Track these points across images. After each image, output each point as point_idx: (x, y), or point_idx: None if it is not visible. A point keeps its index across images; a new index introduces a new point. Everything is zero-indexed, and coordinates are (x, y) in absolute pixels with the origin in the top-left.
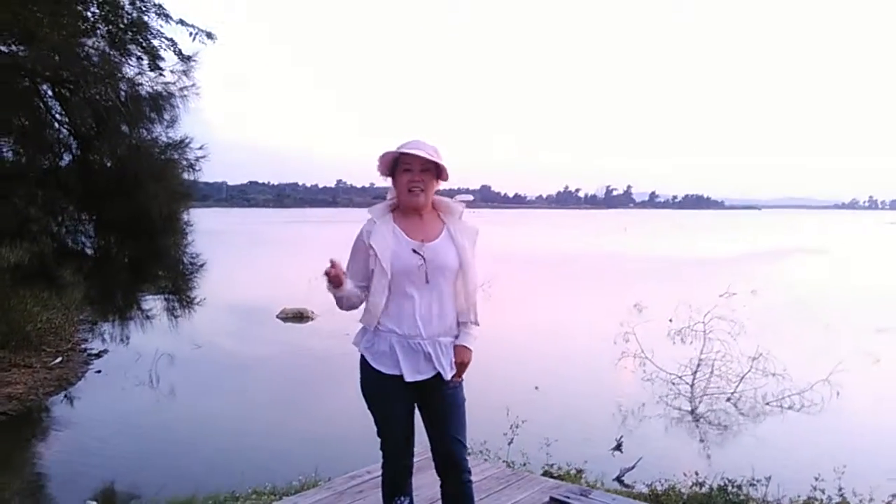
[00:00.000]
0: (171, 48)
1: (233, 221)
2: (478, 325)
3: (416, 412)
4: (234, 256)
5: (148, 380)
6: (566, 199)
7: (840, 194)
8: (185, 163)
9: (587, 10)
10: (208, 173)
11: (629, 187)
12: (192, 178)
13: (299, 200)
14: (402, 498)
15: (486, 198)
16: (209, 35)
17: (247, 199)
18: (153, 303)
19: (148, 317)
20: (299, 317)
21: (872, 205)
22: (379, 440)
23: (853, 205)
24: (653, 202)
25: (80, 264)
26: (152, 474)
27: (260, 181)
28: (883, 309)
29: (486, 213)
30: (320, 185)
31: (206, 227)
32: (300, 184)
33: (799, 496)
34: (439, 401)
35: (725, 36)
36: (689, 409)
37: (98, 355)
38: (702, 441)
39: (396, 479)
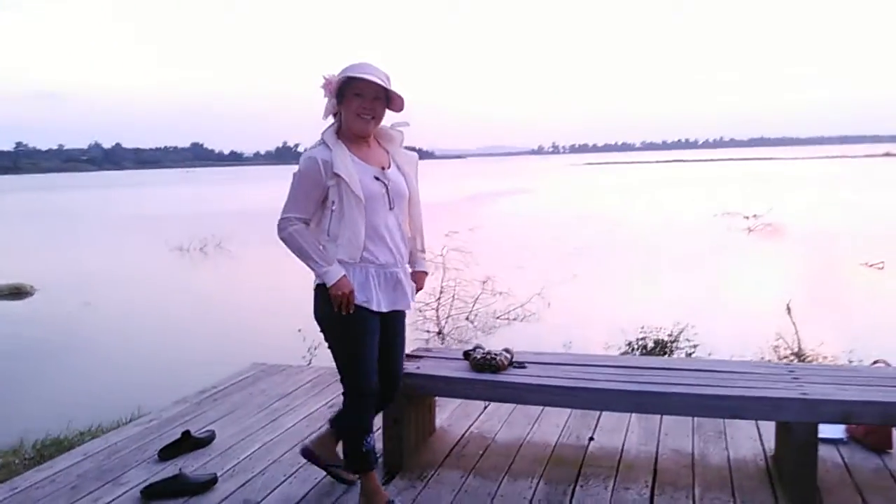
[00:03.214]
0: None
1: None
2: (424, 252)
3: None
4: None
5: None
6: (286, 155)
7: (530, 142)
8: None
9: None
10: None
11: None
12: None
13: None
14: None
15: (198, 156)
16: None
17: None
18: None
19: None
20: (17, 293)
21: (556, 150)
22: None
23: (541, 150)
24: None
25: None
26: None
27: None
28: (575, 232)
29: (200, 173)
30: None
31: None
32: None
33: None
34: (396, 327)
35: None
36: (437, 330)
37: None
38: None
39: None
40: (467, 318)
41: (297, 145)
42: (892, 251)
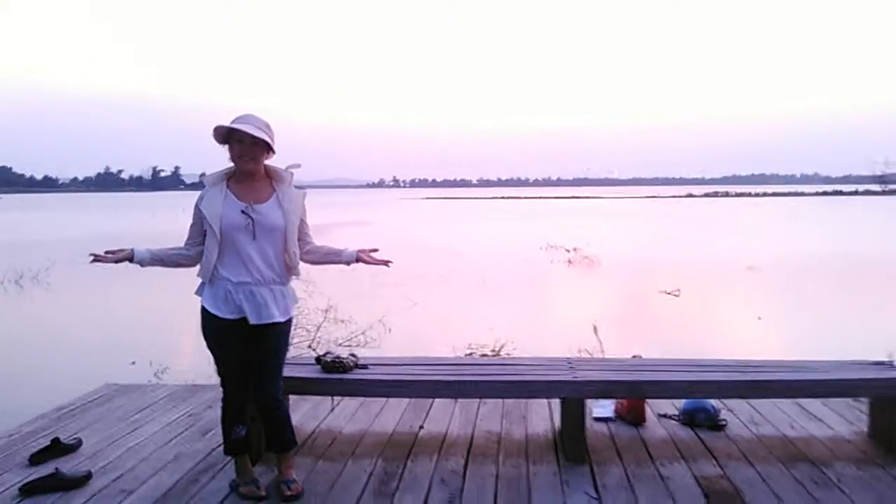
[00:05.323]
0: None
1: None
2: (296, 276)
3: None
4: None
5: None
6: (108, 182)
7: (370, 175)
8: None
9: None
10: None
11: (178, 168)
12: None
13: None
14: (240, 427)
15: (5, 180)
16: None
17: None
18: None
19: None
20: None
21: (396, 184)
22: (220, 378)
23: (381, 184)
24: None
25: None
26: None
27: None
28: (413, 262)
29: (7, 200)
30: None
31: None
32: None
33: None
34: (266, 340)
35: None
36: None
37: None
38: None
39: (235, 411)
40: (310, 346)
41: (120, 171)
42: (688, 281)
